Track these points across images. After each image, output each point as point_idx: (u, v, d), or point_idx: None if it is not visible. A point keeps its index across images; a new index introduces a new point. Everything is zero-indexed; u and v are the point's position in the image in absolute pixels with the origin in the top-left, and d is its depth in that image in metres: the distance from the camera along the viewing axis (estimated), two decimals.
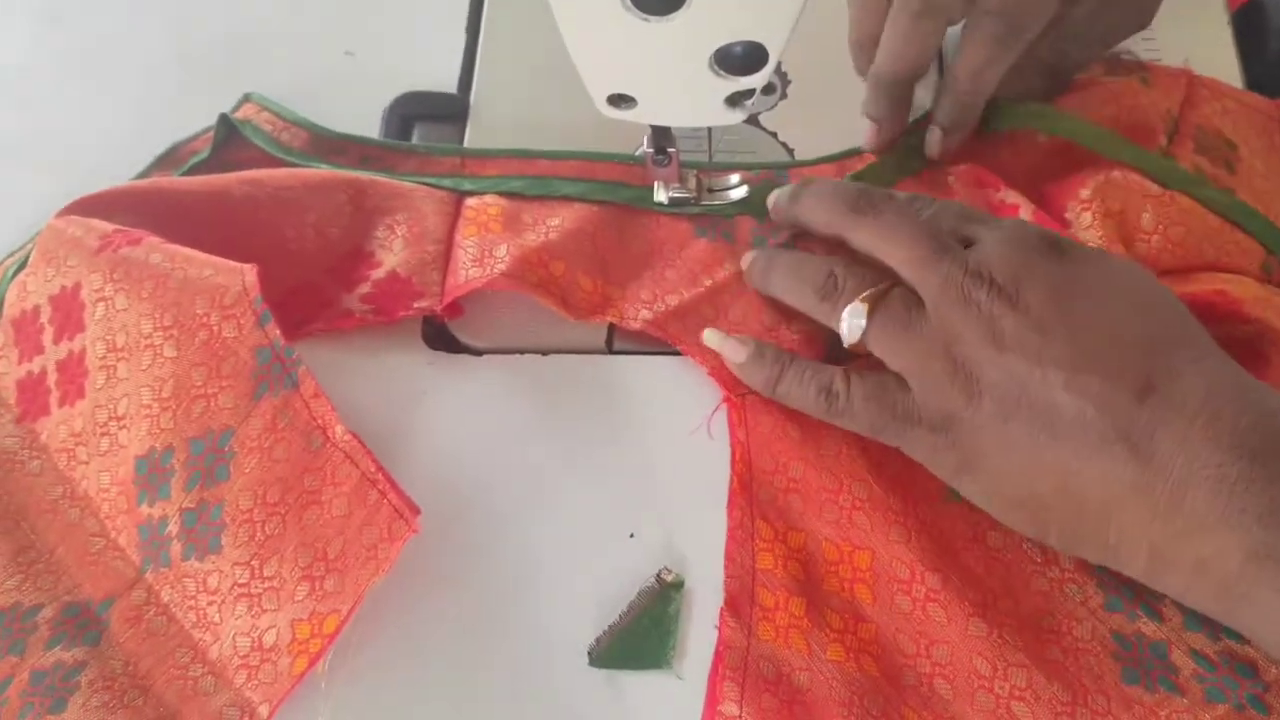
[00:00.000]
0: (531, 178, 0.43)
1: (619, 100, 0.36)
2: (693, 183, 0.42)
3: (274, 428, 0.36)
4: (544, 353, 0.41)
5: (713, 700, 0.34)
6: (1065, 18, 0.41)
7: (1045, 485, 0.32)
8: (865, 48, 0.42)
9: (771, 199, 0.41)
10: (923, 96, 0.43)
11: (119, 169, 0.45)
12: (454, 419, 0.39)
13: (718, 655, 0.34)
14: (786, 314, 0.39)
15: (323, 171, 0.43)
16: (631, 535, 0.37)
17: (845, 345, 0.36)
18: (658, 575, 0.36)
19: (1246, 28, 0.47)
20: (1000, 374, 0.32)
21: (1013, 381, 0.32)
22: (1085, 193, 0.39)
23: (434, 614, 0.36)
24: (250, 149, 0.44)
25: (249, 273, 0.37)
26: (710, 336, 0.38)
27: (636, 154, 0.44)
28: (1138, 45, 0.46)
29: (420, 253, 0.40)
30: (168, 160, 0.45)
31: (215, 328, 0.37)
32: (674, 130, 0.39)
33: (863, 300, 0.35)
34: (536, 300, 0.39)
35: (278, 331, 0.36)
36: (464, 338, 0.41)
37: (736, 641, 0.35)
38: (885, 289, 0.35)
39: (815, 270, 0.37)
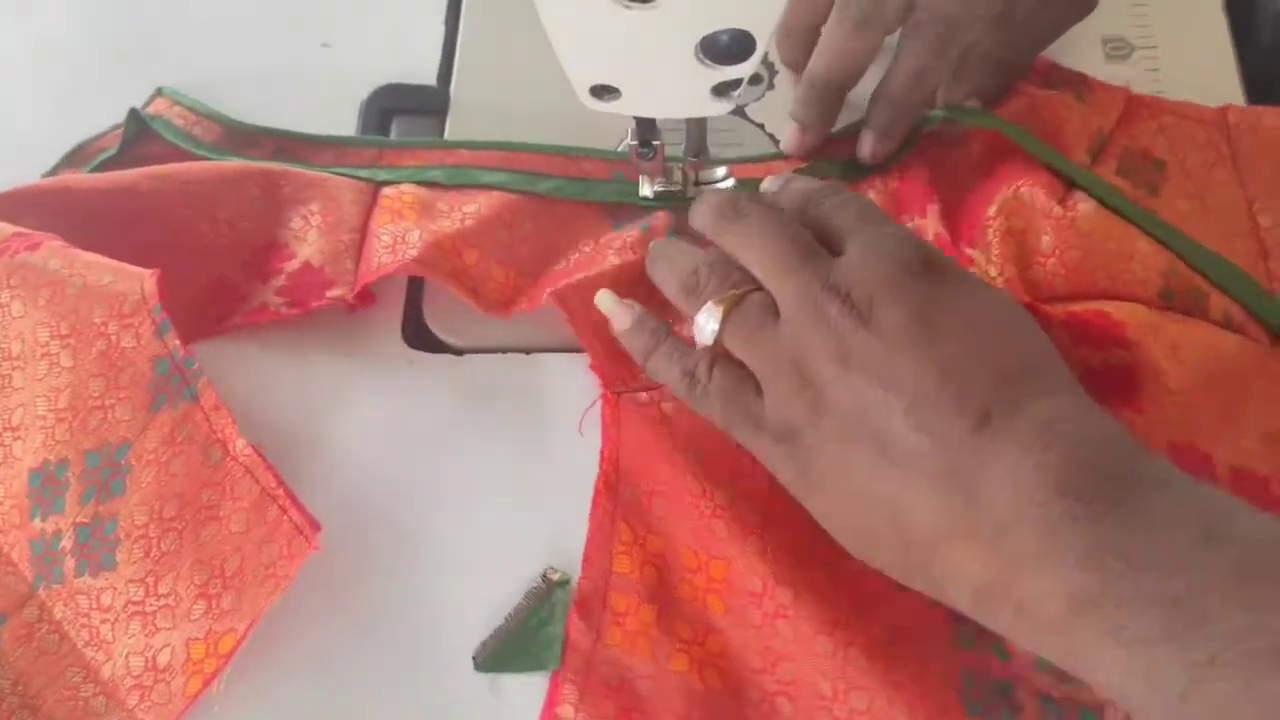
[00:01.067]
0: (450, 167, 0.42)
1: (602, 91, 0.35)
2: (679, 176, 0.41)
3: (172, 441, 0.35)
4: (526, 351, 0.40)
5: (551, 701, 0.34)
6: (1008, 14, 0.41)
7: (876, 513, 0.31)
8: (794, 36, 0.41)
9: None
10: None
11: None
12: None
13: (563, 657, 0.34)
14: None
15: (234, 164, 0.42)
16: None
17: (697, 345, 0.35)
18: (544, 575, 0.36)
19: (1241, 16, 0.47)
20: (843, 394, 0.31)
21: (855, 403, 0.31)
22: (991, 209, 0.39)
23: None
24: (162, 144, 0.43)
25: (148, 280, 0.36)
26: (602, 298, 0.38)
27: (620, 148, 0.43)
28: (1133, 35, 0.45)
29: (334, 242, 0.40)
30: (76, 157, 0.44)
31: (114, 337, 0.36)
32: (660, 123, 0.38)
33: (717, 303, 0.34)
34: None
35: (177, 341, 0.36)
36: (445, 336, 0.40)
37: (582, 644, 0.34)
38: (744, 293, 0.34)
39: (684, 265, 0.36)
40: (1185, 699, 0.25)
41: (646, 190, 0.41)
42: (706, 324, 0.34)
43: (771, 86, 0.46)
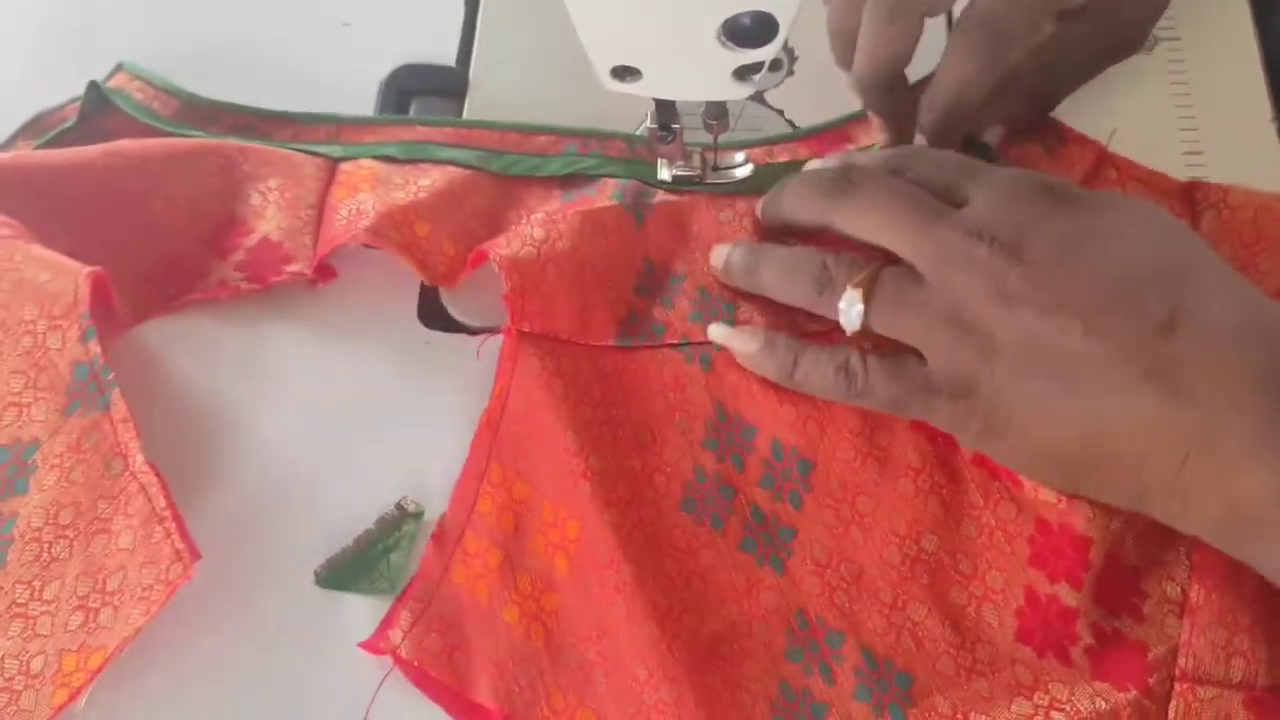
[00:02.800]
0: (407, 143, 0.42)
1: (623, 73, 0.35)
2: (697, 160, 0.41)
3: (78, 448, 0.35)
4: None
5: (386, 623, 0.35)
6: (1053, 43, 0.40)
7: (1073, 438, 0.30)
8: (843, 38, 0.41)
9: (758, 207, 0.40)
10: None
11: None
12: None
13: (411, 581, 0.35)
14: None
15: (192, 140, 0.42)
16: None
17: (849, 335, 0.34)
18: (399, 504, 0.37)
19: (1265, 9, 0.46)
20: (1013, 332, 0.31)
21: (1027, 337, 0.31)
22: None
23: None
24: (121, 118, 0.43)
25: (83, 283, 0.36)
26: (716, 331, 0.37)
27: (639, 131, 0.43)
28: (1158, 27, 0.45)
29: (293, 217, 0.40)
30: (32, 129, 0.44)
31: (41, 336, 0.36)
32: (680, 106, 0.38)
33: (855, 286, 0.34)
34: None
35: (99, 349, 0.36)
36: (459, 315, 0.40)
37: (431, 574, 0.35)
38: (876, 270, 0.34)
39: (808, 265, 0.36)
40: None
41: (665, 174, 0.41)
42: (850, 309, 0.34)
43: (791, 73, 0.45)
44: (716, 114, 0.39)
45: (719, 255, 0.39)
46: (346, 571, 0.36)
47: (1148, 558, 0.33)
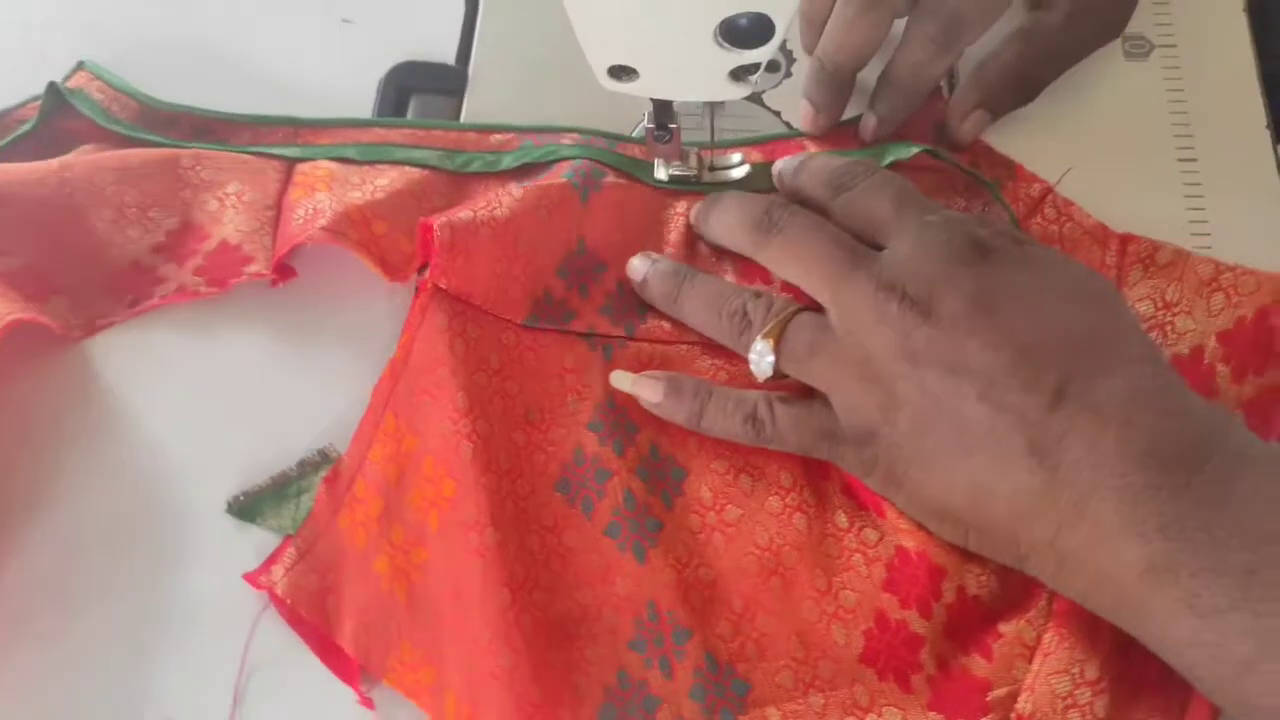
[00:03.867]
0: (364, 145, 0.43)
1: (620, 72, 0.35)
2: (694, 160, 0.41)
3: None
4: None
5: (271, 558, 0.36)
6: (1034, 28, 0.41)
7: (960, 498, 0.31)
8: (814, 25, 0.41)
9: (692, 214, 0.40)
10: None
11: None
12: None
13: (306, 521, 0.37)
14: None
15: (146, 151, 0.42)
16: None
17: (759, 380, 0.35)
18: (321, 449, 0.38)
19: (1261, 17, 0.46)
20: (915, 390, 0.31)
21: (927, 396, 0.31)
22: None
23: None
24: (80, 119, 0.43)
25: None
26: (619, 378, 0.37)
27: (636, 132, 0.43)
28: (1153, 34, 0.45)
29: (251, 219, 0.40)
30: None
31: None
32: (677, 107, 0.38)
33: (764, 336, 0.34)
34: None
35: None
36: None
37: (321, 516, 0.37)
38: (788, 316, 0.35)
39: (730, 306, 0.36)
40: (1252, 668, 0.26)
41: (661, 173, 0.41)
42: (762, 359, 0.35)
43: (789, 74, 0.45)
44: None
45: (637, 270, 0.39)
46: (259, 505, 0.37)
47: (1009, 599, 0.34)
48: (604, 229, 0.40)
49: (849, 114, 0.43)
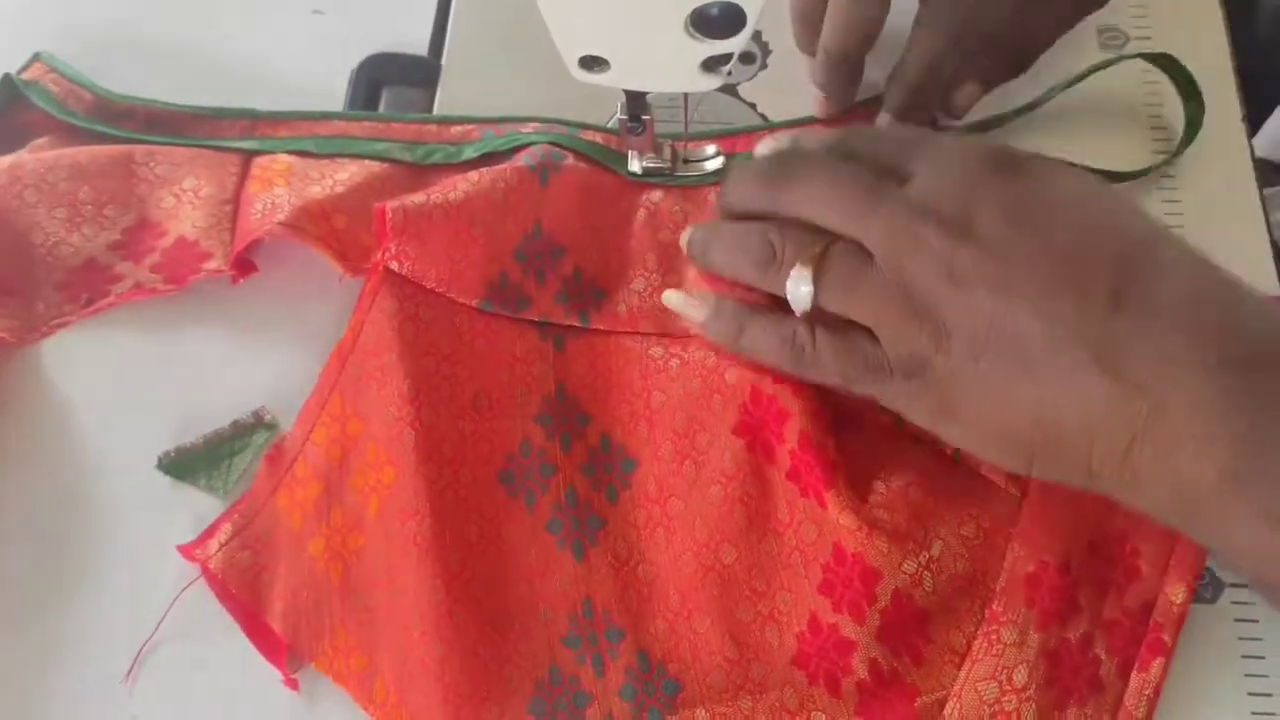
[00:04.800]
0: (323, 138, 0.42)
1: (591, 63, 0.35)
2: (668, 153, 0.41)
3: None
4: None
5: (208, 532, 0.36)
6: (1025, 2, 0.40)
7: (1023, 418, 0.30)
8: (807, 22, 0.41)
9: (715, 201, 0.39)
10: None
11: None
12: None
13: (242, 496, 0.37)
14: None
15: (99, 148, 0.41)
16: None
17: (798, 314, 0.34)
18: (255, 411, 0.38)
19: (1238, 10, 0.46)
20: (964, 312, 0.30)
21: (978, 317, 0.30)
22: None
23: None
24: (37, 110, 0.43)
25: None
26: (670, 296, 0.37)
27: (610, 123, 0.43)
28: (1128, 25, 0.45)
29: (208, 215, 0.40)
30: None
31: None
32: (650, 99, 0.38)
33: (804, 264, 0.33)
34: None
35: None
36: None
37: (260, 493, 0.37)
38: (825, 246, 0.33)
39: (753, 241, 0.35)
40: None
41: (635, 165, 0.41)
42: (799, 289, 0.33)
43: (764, 66, 0.45)
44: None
45: (684, 236, 0.38)
46: (190, 463, 0.38)
47: (942, 603, 0.34)
48: (563, 212, 0.39)
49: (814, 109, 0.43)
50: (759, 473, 0.35)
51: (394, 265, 0.37)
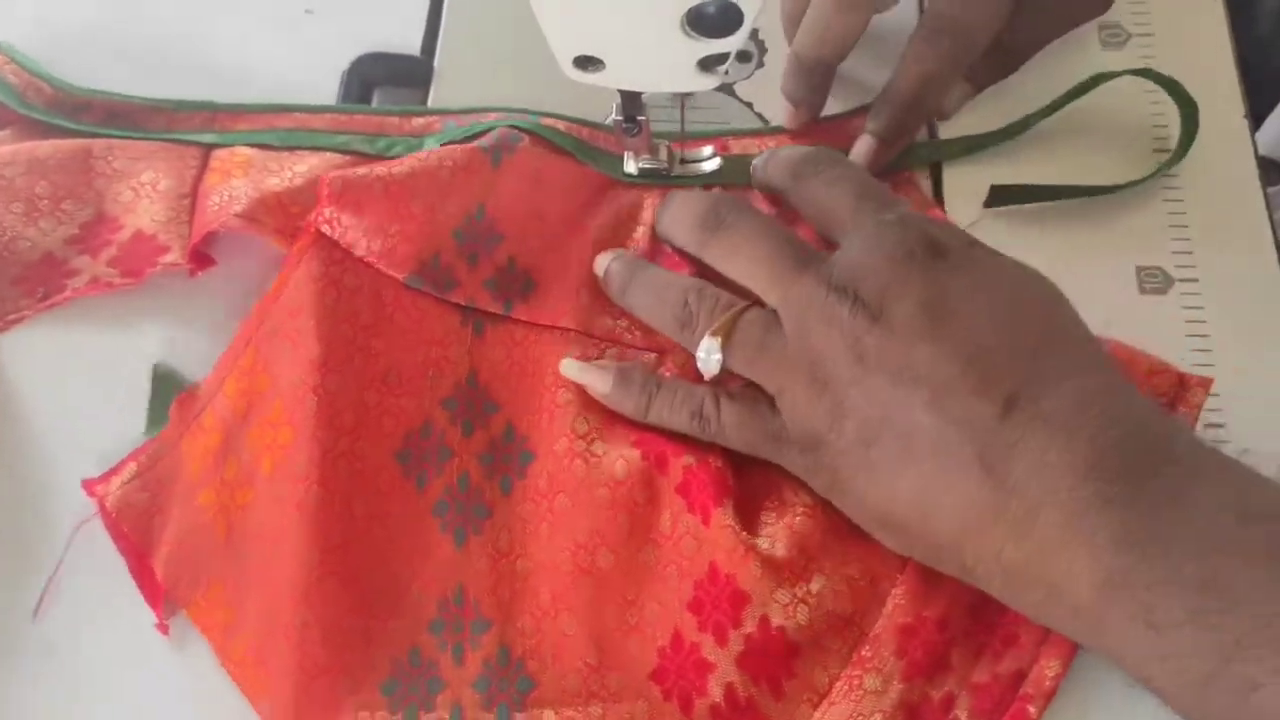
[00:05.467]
0: (283, 131, 0.42)
1: (586, 63, 0.34)
2: (664, 153, 0.40)
3: None
4: None
5: (114, 470, 0.37)
6: (1020, 5, 0.40)
7: (906, 509, 0.30)
8: (795, 20, 0.40)
9: (657, 219, 0.39)
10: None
11: None
12: None
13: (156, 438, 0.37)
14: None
15: (58, 142, 0.41)
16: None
17: (705, 377, 0.34)
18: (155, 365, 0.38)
19: (1238, 8, 0.46)
20: (862, 396, 0.30)
21: (874, 404, 0.30)
22: None
23: None
24: None
25: None
26: (569, 367, 0.37)
27: (607, 122, 0.42)
28: (1129, 22, 0.45)
29: (166, 209, 0.40)
30: None
31: None
32: (646, 99, 0.37)
33: (714, 332, 0.34)
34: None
35: None
36: None
37: (169, 436, 0.37)
38: (737, 314, 0.34)
39: (672, 296, 0.35)
40: (1210, 681, 0.25)
41: (631, 167, 0.40)
42: (710, 356, 0.34)
43: (761, 65, 0.45)
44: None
45: (601, 264, 0.38)
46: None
47: (813, 639, 0.33)
48: (509, 198, 0.39)
49: (833, 109, 0.42)
50: (649, 482, 0.35)
51: (326, 229, 0.37)
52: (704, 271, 0.37)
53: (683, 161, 0.41)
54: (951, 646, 0.33)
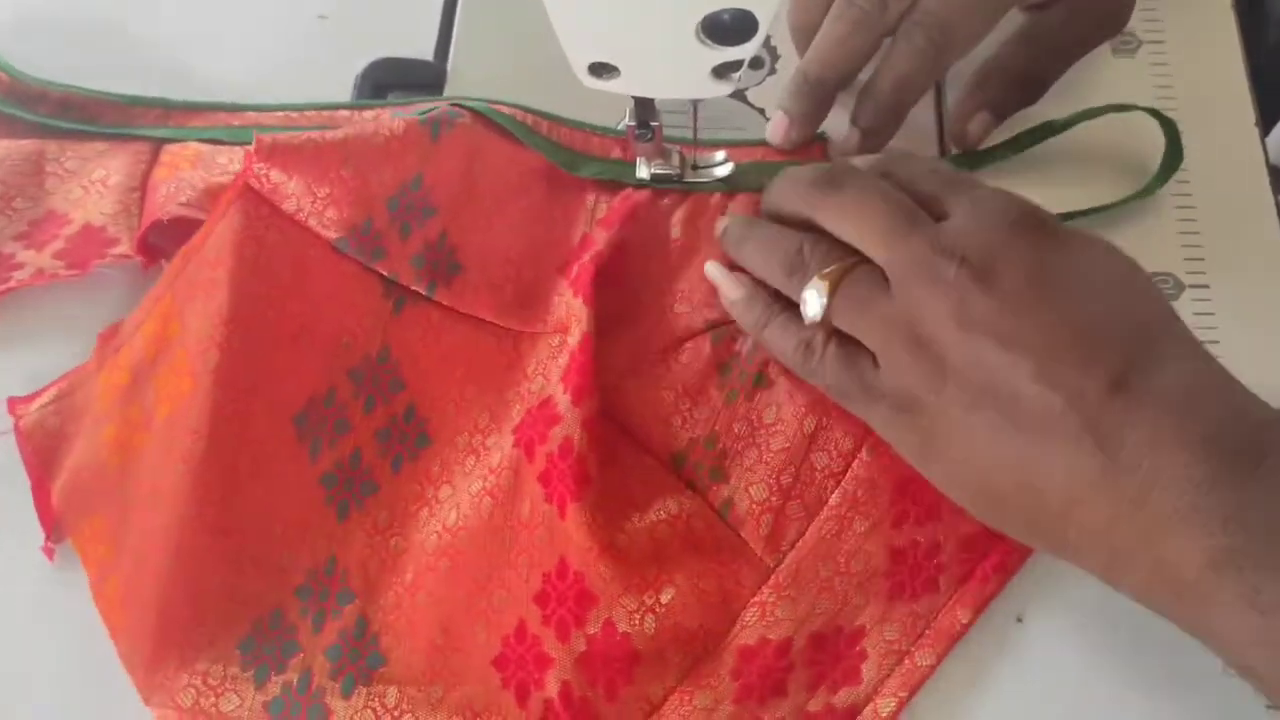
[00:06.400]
0: (235, 128, 0.42)
1: (601, 69, 0.34)
2: (676, 159, 0.40)
3: None
4: None
5: (38, 393, 0.38)
6: (1034, 28, 0.40)
7: (1006, 478, 0.30)
8: (806, 34, 0.40)
9: (764, 195, 0.39)
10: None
11: None
12: None
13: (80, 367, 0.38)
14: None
15: (12, 142, 0.41)
16: None
17: (806, 324, 0.34)
18: None
19: (1249, 15, 0.46)
20: (967, 358, 0.30)
21: (979, 367, 0.30)
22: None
23: None
24: None
25: None
26: (712, 269, 0.37)
27: (619, 127, 0.42)
28: (1141, 30, 0.45)
29: (115, 202, 0.40)
30: None
31: None
32: (659, 104, 0.38)
33: (823, 277, 0.33)
34: None
35: None
36: None
37: (90, 366, 0.38)
38: (849, 265, 0.33)
39: (785, 245, 0.35)
40: None
41: (643, 172, 0.41)
42: (814, 300, 0.33)
43: (773, 71, 0.45)
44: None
45: (722, 222, 0.39)
46: None
47: (656, 650, 0.33)
48: (447, 172, 0.39)
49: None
50: (517, 468, 0.35)
51: (254, 184, 0.37)
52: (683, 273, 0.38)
53: (695, 167, 0.41)
54: (789, 673, 0.33)
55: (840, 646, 0.34)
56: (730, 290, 0.37)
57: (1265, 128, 0.43)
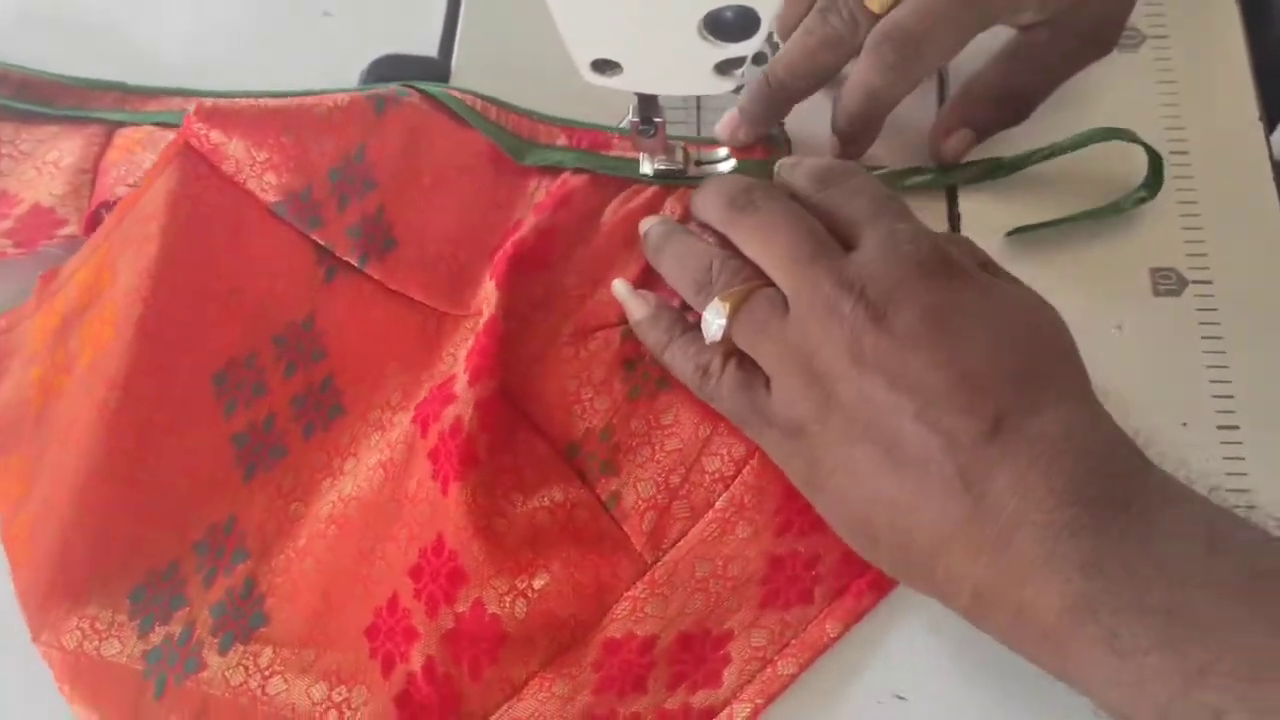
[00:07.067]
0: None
1: (604, 66, 0.35)
2: (680, 155, 0.41)
3: None
4: None
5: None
6: (1020, 47, 0.40)
7: (881, 514, 0.31)
8: (789, 35, 0.40)
9: (691, 200, 0.39)
10: None
11: None
12: None
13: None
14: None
15: None
16: None
17: (707, 342, 0.35)
18: None
19: (1254, 7, 0.46)
20: (854, 393, 0.31)
21: (867, 403, 0.30)
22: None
23: None
24: None
25: None
26: (619, 287, 0.38)
27: (622, 124, 0.42)
28: (1144, 25, 0.45)
29: (65, 183, 0.41)
30: None
31: None
32: (662, 100, 0.38)
33: (724, 298, 0.34)
34: None
35: None
36: None
37: (29, 306, 0.39)
38: (752, 288, 0.34)
39: (697, 261, 0.36)
40: (1173, 708, 0.25)
41: (647, 168, 0.41)
42: (714, 320, 0.34)
43: None
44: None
45: (645, 224, 0.39)
46: None
47: (525, 634, 0.33)
48: (389, 147, 0.39)
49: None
50: (411, 444, 0.36)
51: (195, 144, 0.38)
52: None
53: (698, 163, 0.41)
54: (650, 670, 0.34)
55: (706, 648, 0.34)
56: (635, 310, 0.37)
57: (1269, 123, 0.43)
